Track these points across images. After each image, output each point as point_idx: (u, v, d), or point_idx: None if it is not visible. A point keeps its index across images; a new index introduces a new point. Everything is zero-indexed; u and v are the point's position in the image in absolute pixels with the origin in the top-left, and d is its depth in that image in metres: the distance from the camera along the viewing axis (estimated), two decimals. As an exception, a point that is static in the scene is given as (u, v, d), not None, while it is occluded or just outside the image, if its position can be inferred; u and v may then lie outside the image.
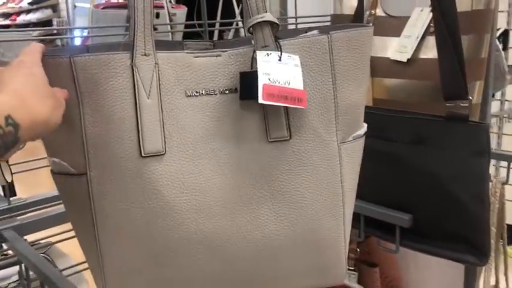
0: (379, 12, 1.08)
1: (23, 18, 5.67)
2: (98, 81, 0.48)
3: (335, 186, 0.54)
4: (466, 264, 0.77)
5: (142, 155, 0.49)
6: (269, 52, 0.49)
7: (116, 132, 0.49)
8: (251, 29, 0.49)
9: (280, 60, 0.49)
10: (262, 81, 0.48)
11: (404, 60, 0.99)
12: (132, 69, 0.48)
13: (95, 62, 0.48)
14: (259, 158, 0.51)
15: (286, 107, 0.50)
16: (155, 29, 1.15)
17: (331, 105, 0.53)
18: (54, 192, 0.89)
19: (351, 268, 1.27)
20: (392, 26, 1.04)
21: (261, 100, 0.48)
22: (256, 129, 0.51)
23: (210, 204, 0.51)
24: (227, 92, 0.51)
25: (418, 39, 0.98)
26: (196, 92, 0.50)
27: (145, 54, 0.49)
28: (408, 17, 1.02)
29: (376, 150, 0.77)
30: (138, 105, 0.48)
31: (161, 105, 0.49)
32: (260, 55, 0.49)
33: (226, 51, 0.51)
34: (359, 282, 1.26)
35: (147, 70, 0.49)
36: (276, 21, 0.49)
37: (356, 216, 0.85)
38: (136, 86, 0.48)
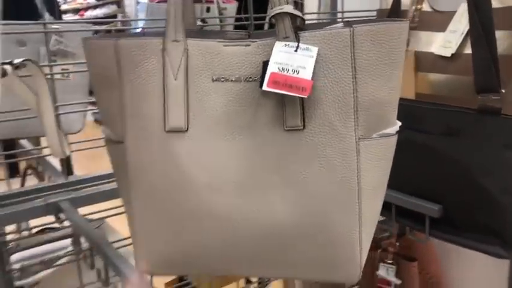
0: (425, 7, 1.08)
1: (90, 14, 5.98)
2: (135, 62, 0.54)
3: (350, 182, 0.53)
4: (496, 257, 0.77)
5: (166, 130, 0.54)
6: (288, 43, 0.51)
7: (147, 108, 0.55)
8: (273, 20, 0.51)
9: (296, 51, 0.51)
10: (271, 69, 0.50)
11: (449, 55, 0.99)
12: (163, 53, 0.54)
13: (134, 44, 0.54)
14: (274, 146, 0.53)
15: (297, 96, 0.51)
16: (205, 22, 1.21)
17: (350, 99, 0.52)
18: (108, 171, 0.97)
19: (389, 262, 1.28)
20: (438, 20, 1.04)
21: (264, 87, 0.50)
22: (273, 117, 0.53)
23: (224, 183, 0.54)
24: (251, 80, 0.53)
25: (463, 34, 0.98)
26: (222, 78, 0.54)
27: (175, 40, 0.54)
28: (454, 12, 1.01)
29: (409, 141, 0.78)
30: (165, 85, 0.54)
31: (187, 87, 0.54)
32: (278, 45, 0.51)
33: (256, 41, 0.53)
34: (397, 276, 1.26)
35: (176, 54, 0.54)
36: (298, 13, 0.51)
37: (388, 206, 0.87)
38: (165, 68, 0.54)
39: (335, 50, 0.51)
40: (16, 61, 0.61)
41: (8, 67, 0.59)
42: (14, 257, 1.00)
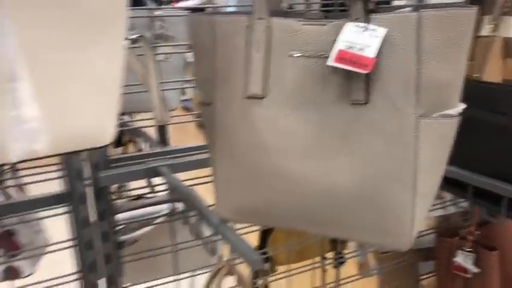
0: (517, -8, 1.06)
1: (182, 4, 6.25)
2: (227, 35, 0.63)
3: (408, 157, 0.56)
4: None
5: (246, 96, 0.62)
6: (358, 24, 0.55)
7: (233, 75, 0.63)
8: (347, 2, 0.56)
9: (365, 31, 0.55)
10: (338, 46, 0.55)
11: (541, 40, 0.97)
12: (249, 29, 0.61)
13: (226, 20, 0.63)
14: (337, 119, 0.58)
15: (359, 72, 0.55)
16: (292, 8, 1.27)
17: (413, 79, 0.54)
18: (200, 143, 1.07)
19: (468, 249, 1.27)
20: (530, 5, 1.02)
21: (330, 62, 0.55)
22: (339, 92, 0.58)
23: (291, 149, 0.60)
24: (323, 56, 0.58)
25: (557, 19, 0.96)
26: (299, 53, 0.59)
27: (260, 18, 0.61)
28: (548, -4, 0.99)
29: (488, 123, 0.79)
30: (249, 57, 0.61)
31: (266, 59, 0.61)
32: (349, 25, 0.56)
33: (332, 21, 0.58)
34: (475, 265, 1.25)
35: (259, 30, 0.61)
36: None
37: (465, 187, 0.89)
38: (250, 42, 0.61)
39: (401, 32, 0.54)
40: (131, 36, 0.72)
41: (125, 41, 0.70)
42: (117, 216, 1.13)
